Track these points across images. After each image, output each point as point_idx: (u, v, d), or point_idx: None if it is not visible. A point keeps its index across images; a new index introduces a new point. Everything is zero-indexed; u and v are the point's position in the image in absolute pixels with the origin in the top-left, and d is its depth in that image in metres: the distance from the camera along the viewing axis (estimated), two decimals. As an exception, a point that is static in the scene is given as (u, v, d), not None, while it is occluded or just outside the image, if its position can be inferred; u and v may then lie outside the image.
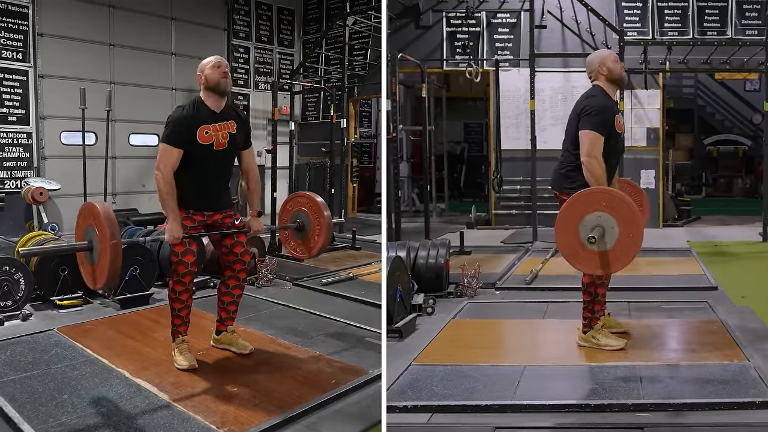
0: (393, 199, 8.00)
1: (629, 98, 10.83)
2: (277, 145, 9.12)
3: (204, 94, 4.18)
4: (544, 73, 10.85)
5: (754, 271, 7.61)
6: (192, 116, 4.08)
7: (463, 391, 3.73)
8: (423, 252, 6.21)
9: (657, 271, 7.14)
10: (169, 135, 4.03)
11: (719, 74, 11.90)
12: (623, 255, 3.77)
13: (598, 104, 4.26)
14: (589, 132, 4.19)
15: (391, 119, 7.99)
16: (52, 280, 5.72)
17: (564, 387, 3.79)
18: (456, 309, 5.64)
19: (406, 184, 14.94)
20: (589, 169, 4.14)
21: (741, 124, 17.43)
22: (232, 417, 3.43)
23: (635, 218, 3.75)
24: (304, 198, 4.85)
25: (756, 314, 5.29)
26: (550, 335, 4.96)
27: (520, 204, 11.48)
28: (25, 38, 10.00)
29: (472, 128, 18.44)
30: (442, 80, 15.63)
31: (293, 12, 14.23)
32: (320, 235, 4.71)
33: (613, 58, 4.44)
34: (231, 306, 4.52)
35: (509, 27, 11.62)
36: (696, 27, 11.14)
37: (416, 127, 14.25)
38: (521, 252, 8.67)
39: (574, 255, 3.86)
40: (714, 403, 3.42)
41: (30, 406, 3.51)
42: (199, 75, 4.19)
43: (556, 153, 4.51)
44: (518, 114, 11.43)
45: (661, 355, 4.31)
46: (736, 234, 10.18)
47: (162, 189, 4.00)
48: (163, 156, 4.01)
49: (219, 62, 4.20)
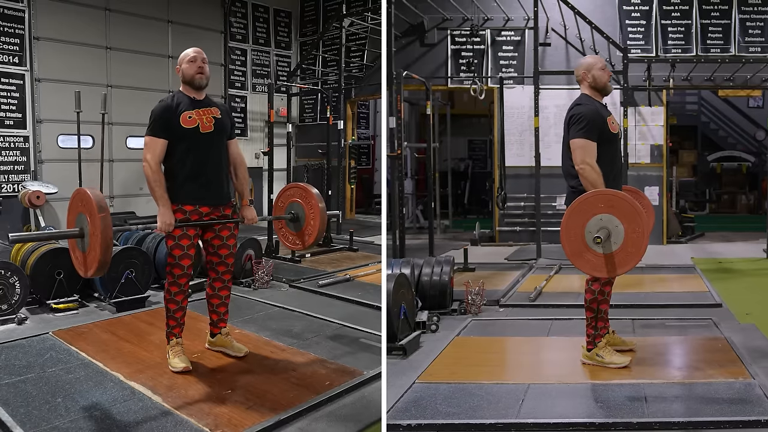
0: (398, 216, 8.02)
1: (633, 115, 10.86)
2: (273, 147, 9.13)
3: (182, 87, 4.29)
4: (548, 90, 10.90)
5: (758, 287, 7.58)
6: (172, 105, 4.16)
7: (468, 409, 3.72)
8: (427, 269, 6.21)
9: (661, 288, 7.13)
10: (152, 126, 4.12)
11: (723, 91, 11.91)
12: (635, 250, 3.72)
13: (584, 111, 4.28)
14: (579, 140, 4.20)
15: (396, 136, 8.02)
16: (48, 283, 5.73)
17: (568, 405, 3.78)
18: (460, 326, 5.64)
19: (410, 200, 14.94)
20: (585, 176, 4.14)
21: (744, 140, 17.45)
22: (225, 419, 3.44)
23: (636, 212, 3.73)
24: (299, 189, 4.86)
25: (761, 331, 5.28)
26: (554, 353, 4.95)
27: (524, 221, 11.49)
28: (21, 42, 10.03)
29: (476, 145, 18.48)
30: (446, 97, 15.69)
31: (290, 14, 14.27)
32: (314, 225, 4.71)
33: (601, 65, 4.45)
34: (220, 308, 4.54)
35: (513, 45, 11.68)
36: (699, 44, 11.18)
37: (421, 144, 14.29)
38: (525, 269, 8.66)
39: (585, 262, 3.84)
40: (719, 422, 3.41)
41: (23, 410, 3.51)
42: (177, 68, 4.29)
43: (560, 170, 4.51)
44: (522, 131, 11.46)
45: (666, 373, 4.30)
46: (740, 250, 10.16)
47: (150, 178, 4.06)
48: (149, 147, 4.09)
49: (195, 56, 4.24)
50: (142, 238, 6.84)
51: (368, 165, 15.29)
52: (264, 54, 13.81)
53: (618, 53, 10.41)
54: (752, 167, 16.79)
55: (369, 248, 9.07)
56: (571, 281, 7.49)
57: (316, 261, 8.06)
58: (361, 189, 14.37)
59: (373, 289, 6.46)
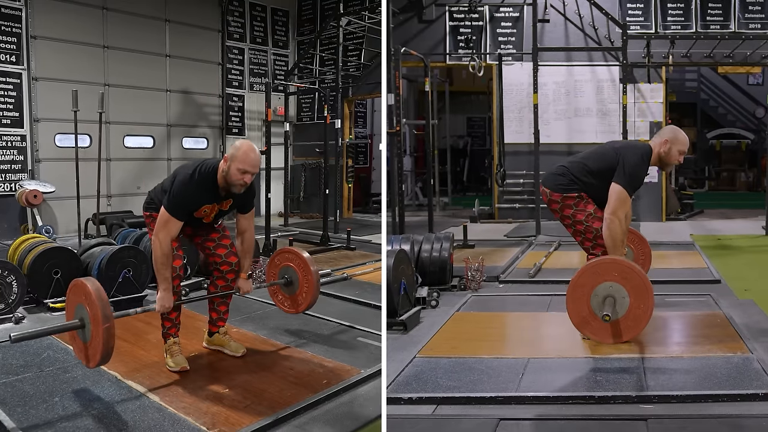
0: (396, 192, 8.01)
1: (632, 92, 10.83)
2: (271, 146, 9.13)
3: (219, 173, 4.04)
4: (547, 67, 10.87)
5: (757, 264, 7.61)
6: (198, 195, 4.03)
7: (468, 383, 3.74)
8: (427, 245, 6.22)
9: (660, 264, 7.13)
10: (174, 205, 3.98)
11: (722, 68, 11.88)
12: (634, 324, 3.84)
13: (642, 169, 4.33)
14: (623, 191, 4.24)
15: (394, 113, 8.00)
16: (45, 282, 5.69)
17: (568, 379, 3.80)
18: (460, 302, 5.66)
19: (409, 178, 14.95)
20: (610, 228, 4.21)
21: (744, 117, 17.42)
22: (222, 418, 3.44)
23: (646, 288, 3.79)
24: (292, 254, 4.82)
25: (759, 307, 5.30)
26: (553, 328, 4.97)
27: (523, 198, 11.50)
28: (19, 41, 9.97)
29: (475, 122, 18.46)
30: (445, 74, 15.65)
31: (287, 13, 14.21)
32: (308, 292, 4.69)
33: (683, 149, 4.42)
34: (221, 306, 4.52)
35: (512, 21, 11.61)
36: (699, 21, 11.13)
37: (419, 121, 14.27)
38: (525, 245, 8.69)
39: (586, 324, 3.90)
40: (717, 395, 3.43)
41: (20, 409, 3.50)
42: (226, 157, 4.01)
43: (559, 147, 4.56)
44: (521, 108, 11.43)
45: (665, 348, 4.32)
46: (739, 227, 10.19)
47: (158, 259, 3.97)
48: (165, 225, 3.98)
49: (247, 168, 3.95)
50: (140, 237, 6.81)
51: (366, 164, 15.25)
52: (261, 53, 13.75)
53: (617, 29, 10.35)
54: (752, 144, 16.79)
55: (366, 247, 9.03)
56: (571, 257, 7.51)
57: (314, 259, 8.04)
58: (358, 188, 14.35)
59: (371, 288, 6.45)
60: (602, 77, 11.21)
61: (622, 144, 4.62)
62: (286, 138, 12.40)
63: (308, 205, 13.60)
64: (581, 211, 4.37)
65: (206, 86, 12.69)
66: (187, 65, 12.23)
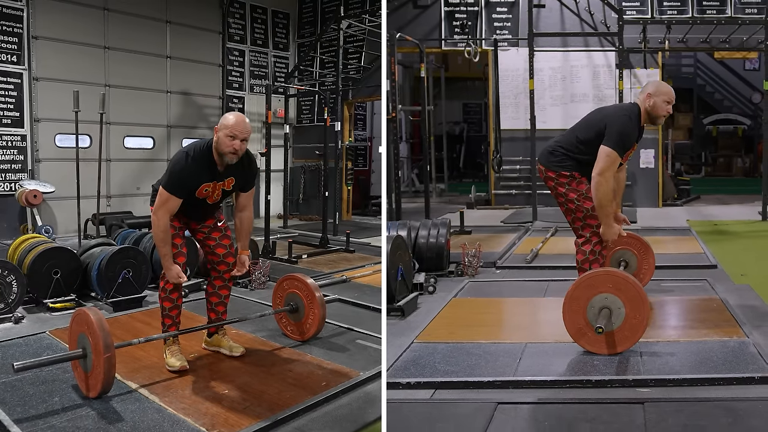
0: (393, 178, 8.01)
1: (628, 77, 10.81)
2: (270, 148, 9.11)
3: (214, 149, 4.01)
4: (543, 52, 10.83)
5: (753, 249, 7.64)
6: (196, 173, 4.00)
7: (466, 367, 3.76)
8: (423, 231, 6.23)
9: (657, 249, 7.08)
10: (172, 183, 3.97)
11: (718, 53, 11.88)
12: (631, 335, 3.82)
13: (629, 128, 4.29)
14: (612, 151, 4.20)
15: (390, 99, 7.98)
16: (45, 282, 5.66)
17: (565, 363, 3.81)
18: (457, 288, 5.67)
19: (406, 164, 14.94)
20: (597, 188, 4.18)
21: (740, 103, 17.42)
22: (221, 419, 3.43)
23: (641, 299, 3.79)
24: (297, 281, 4.79)
25: (755, 292, 5.33)
26: (550, 313, 4.97)
27: (519, 184, 11.50)
28: (20, 41, 9.89)
29: (471, 108, 18.43)
30: (440, 60, 15.61)
31: (288, 15, 14.14)
32: (313, 323, 4.68)
33: (667, 98, 4.39)
34: (219, 307, 4.50)
35: (507, 6, 11.58)
36: (695, 6, 11.10)
37: (415, 107, 14.25)
38: (521, 231, 8.70)
39: (582, 336, 3.90)
40: (714, 379, 3.45)
41: (20, 409, 3.48)
42: (216, 128, 3.99)
43: (555, 133, 4.54)
44: (517, 94, 11.41)
45: (662, 332, 4.34)
46: (735, 213, 10.21)
47: (157, 235, 3.99)
48: (164, 203, 3.97)
49: (235, 132, 3.91)
50: (140, 238, 6.79)
51: (365, 166, 15.20)
52: (262, 55, 13.69)
53: (613, 14, 10.32)
54: (748, 130, 16.79)
55: (365, 250, 8.97)
56: (567, 243, 7.48)
57: (313, 262, 8.00)
58: (357, 190, 14.29)
59: (370, 290, 6.43)
60: (598, 63, 11.19)
61: (609, 109, 4.57)
62: (286, 140, 12.38)
63: (307, 207, 13.55)
64: (574, 190, 4.37)
65: (206, 88, 12.62)
66: (188, 66, 12.16)
